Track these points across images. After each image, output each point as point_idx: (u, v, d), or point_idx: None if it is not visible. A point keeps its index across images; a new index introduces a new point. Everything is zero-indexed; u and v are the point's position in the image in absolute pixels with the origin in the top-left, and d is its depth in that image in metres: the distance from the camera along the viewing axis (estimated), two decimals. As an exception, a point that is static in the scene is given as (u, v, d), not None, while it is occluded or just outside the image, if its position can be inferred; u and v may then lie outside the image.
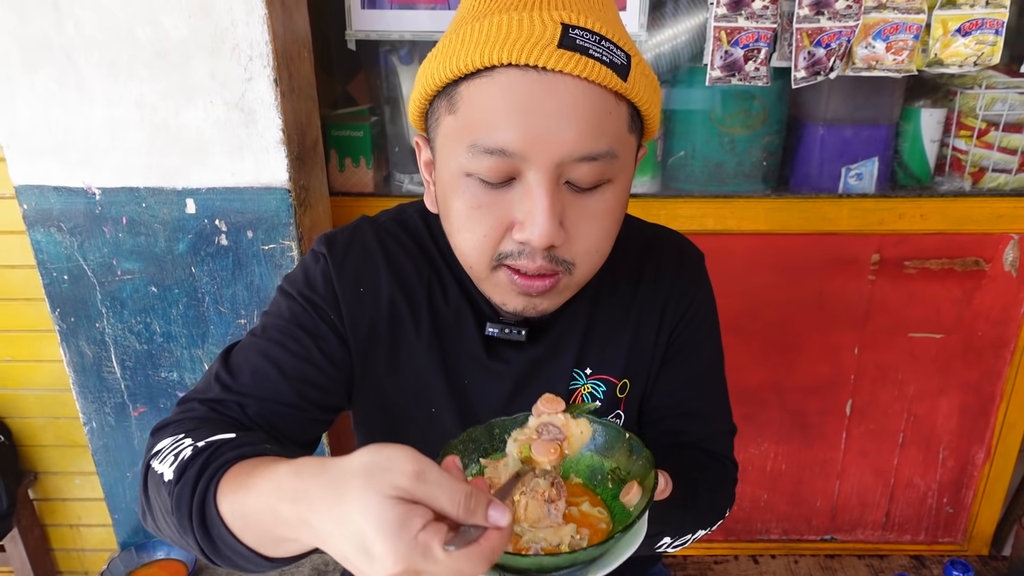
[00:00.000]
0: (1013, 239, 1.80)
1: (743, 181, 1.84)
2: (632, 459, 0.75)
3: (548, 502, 0.68)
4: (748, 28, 1.60)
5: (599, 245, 0.79)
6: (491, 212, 0.75)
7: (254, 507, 0.61)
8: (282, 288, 0.92)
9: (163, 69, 1.39)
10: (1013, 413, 1.96)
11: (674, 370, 0.98)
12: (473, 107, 0.72)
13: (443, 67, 0.73)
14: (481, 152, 0.71)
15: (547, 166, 0.71)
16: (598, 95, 0.71)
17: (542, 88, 0.69)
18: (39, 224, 1.51)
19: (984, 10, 1.58)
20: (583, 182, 0.74)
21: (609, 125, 0.73)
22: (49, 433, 2.00)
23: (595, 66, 0.69)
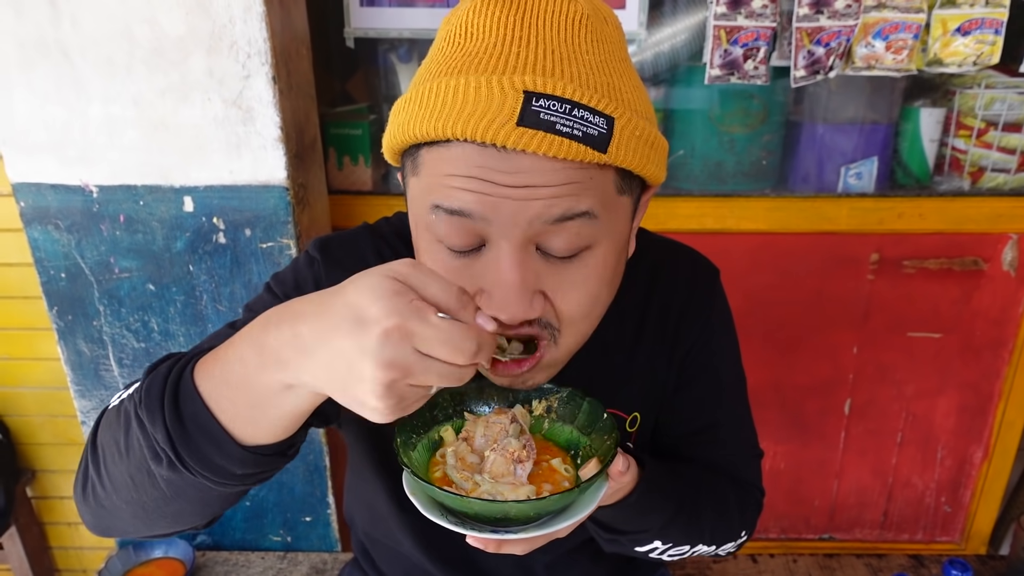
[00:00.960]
0: (1012, 239, 1.80)
1: (742, 180, 1.84)
2: (602, 439, 0.75)
3: (516, 462, 0.69)
4: (747, 27, 1.60)
5: (587, 312, 0.72)
6: (461, 281, 0.66)
7: (236, 356, 0.60)
8: (269, 286, 0.90)
9: (161, 67, 1.38)
10: (1011, 412, 1.96)
11: (688, 394, 0.94)
12: (433, 173, 0.66)
13: (403, 130, 0.67)
14: (444, 213, 0.65)
15: (513, 233, 0.64)
16: (570, 167, 0.63)
17: (503, 165, 0.62)
18: (36, 222, 1.51)
19: (984, 9, 1.57)
20: (558, 250, 0.66)
21: (588, 190, 0.65)
22: (47, 431, 2.00)
23: (563, 143, 0.61)
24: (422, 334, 0.52)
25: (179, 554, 1.72)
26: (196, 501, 0.67)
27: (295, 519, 1.78)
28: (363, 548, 1.13)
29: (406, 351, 0.52)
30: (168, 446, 0.61)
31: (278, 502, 1.75)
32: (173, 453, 0.61)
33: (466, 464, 0.72)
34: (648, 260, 0.91)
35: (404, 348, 0.52)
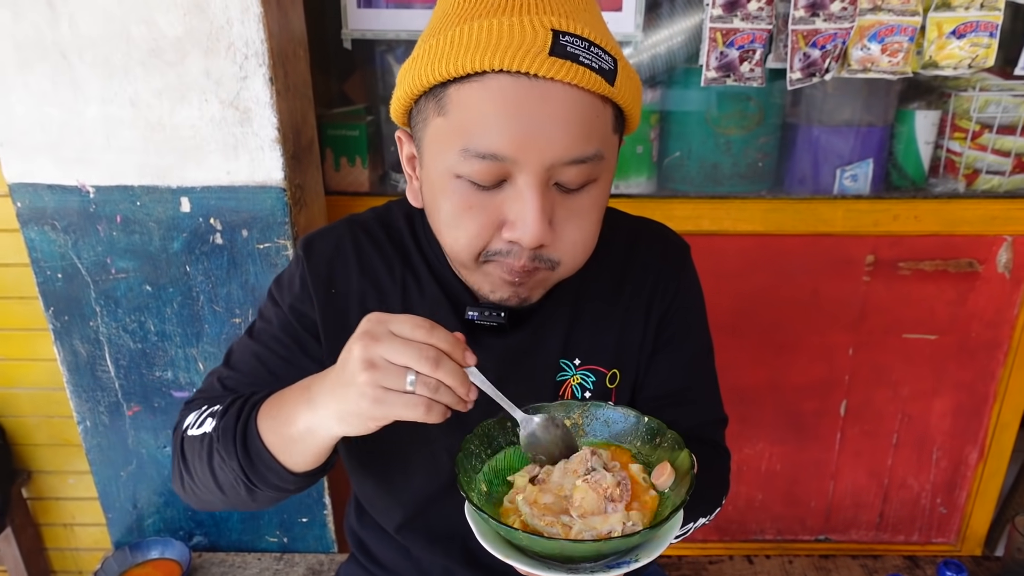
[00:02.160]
0: (1007, 241, 1.81)
1: (739, 182, 1.84)
2: (654, 442, 0.75)
3: (608, 500, 0.68)
4: (743, 29, 1.61)
5: (585, 242, 0.81)
6: (482, 213, 0.76)
7: (279, 411, 0.79)
8: (271, 294, 0.98)
9: (158, 67, 1.38)
10: (1006, 414, 1.97)
11: (664, 358, 0.99)
12: (464, 111, 0.72)
13: (431, 69, 0.73)
14: (473, 156, 0.72)
15: (538, 170, 0.72)
16: (587, 100, 0.72)
17: (534, 95, 0.70)
18: (33, 222, 1.50)
19: (979, 12, 1.58)
20: (571, 183, 0.76)
21: (597, 128, 0.74)
22: (43, 432, 1.99)
23: (585, 73, 0.70)
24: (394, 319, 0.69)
25: (175, 555, 1.71)
26: (270, 500, 0.86)
27: (291, 520, 1.78)
28: (359, 541, 1.13)
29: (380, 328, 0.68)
30: (242, 474, 0.81)
31: (274, 503, 1.75)
32: (245, 479, 0.81)
33: (545, 508, 0.70)
34: (624, 231, 1.00)
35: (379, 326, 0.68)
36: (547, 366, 0.94)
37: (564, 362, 0.94)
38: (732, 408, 1.05)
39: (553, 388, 0.94)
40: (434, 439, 0.94)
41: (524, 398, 0.83)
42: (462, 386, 0.68)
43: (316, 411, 0.73)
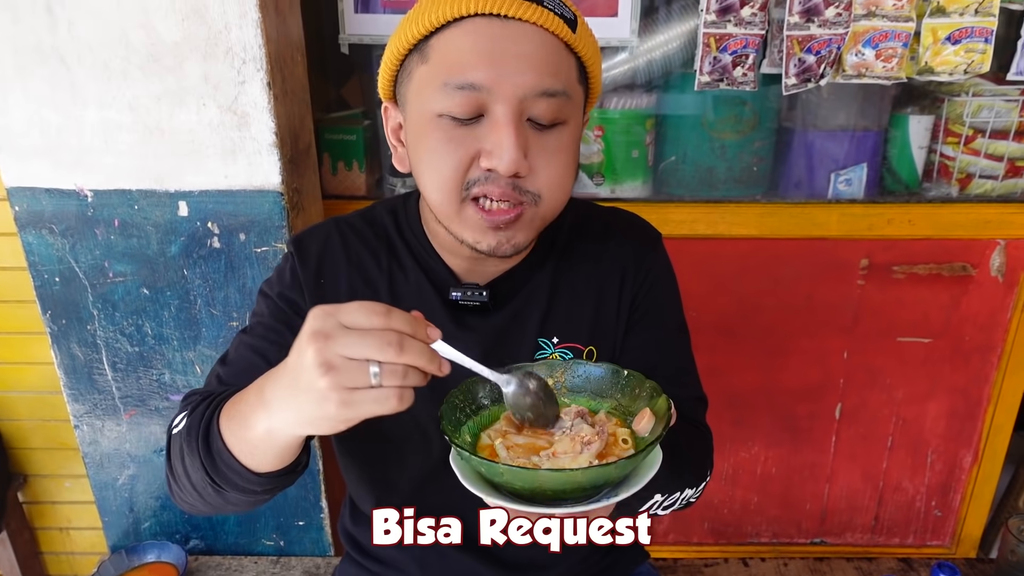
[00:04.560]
0: (999, 245, 1.82)
1: (734, 186, 1.85)
2: (634, 393, 0.77)
3: (585, 444, 0.70)
4: (737, 34, 1.62)
5: (560, 178, 0.86)
6: (461, 144, 0.82)
7: (237, 411, 0.76)
8: (261, 291, 1.01)
9: (156, 72, 1.39)
10: (1000, 417, 1.98)
11: (639, 335, 1.02)
12: (445, 52, 0.81)
13: (416, 24, 0.82)
14: (453, 89, 0.80)
15: (512, 99, 0.80)
16: (552, 42, 0.82)
17: (506, 33, 0.80)
18: (31, 226, 1.51)
19: (973, 18, 1.60)
20: (543, 118, 0.83)
21: (563, 69, 0.83)
22: (39, 436, 1.99)
23: (550, 16, 0.80)
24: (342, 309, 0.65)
25: (172, 559, 1.71)
26: (243, 503, 0.84)
27: (288, 523, 1.78)
28: (353, 540, 1.14)
29: (330, 322, 0.64)
30: (206, 475, 0.79)
31: (271, 506, 1.76)
32: (211, 480, 0.80)
33: (519, 449, 0.71)
34: (598, 218, 1.06)
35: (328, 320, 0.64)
36: (527, 345, 0.98)
37: (543, 340, 0.99)
38: (727, 411, 1.06)
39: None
40: (424, 421, 0.96)
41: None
42: (432, 363, 0.65)
43: (273, 415, 0.70)
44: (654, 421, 0.71)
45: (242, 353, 0.95)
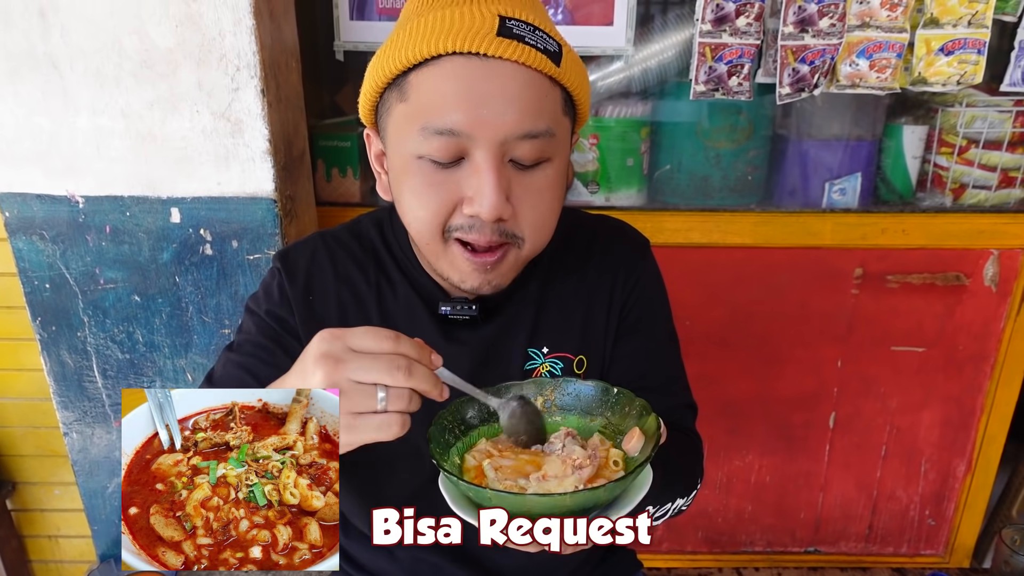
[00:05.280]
0: (993, 255, 1.82)
1: (728, 195, 1.85)
2: (624, 411, 0.76)
3: (576, 467, 0.70)
4: (732, 44, 1.62)
5: (544, 219, 0.85)
6: (442, 189, 0.80)
7: None
8: (248, 307, 0.99)
9: (149, 78, 1.38)
10: (993, 426, 1.98)
11: (629, 344, 1.01)
12: (422, 93, 0.78)
13: (393, 59, 0.79)
14: (432, 134, 0.77)
15: (492, 144, 0.77)
16: (535, 79, 0.78)
17: (484, 73, 0.76)
18: (21, 232, 1.50)
19: (967, 30, 1.60)
20: (525, 159, 0.80)
21: (546, 106, 0.80)
22: (29, 443, 1.97)
23: (531, 52, 0.77)
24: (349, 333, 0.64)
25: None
26: None
27: (280, 532, 1.76)
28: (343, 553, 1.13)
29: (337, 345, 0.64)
30: None
31: (263, 515, 1.74)
32: None
33: (506, 471, 0.71)
34: (586, 227, 1.04)
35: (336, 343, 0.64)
36: (517, 355, 0.97)
37: (532, 351, 0.98)
38: (721, 420, 1.06)
39: (523, 377, 0.96)
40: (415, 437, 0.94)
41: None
42: (435, 388, 0.67)
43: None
44: (643, 440, 0.71)
45: (230, 371, 0.93)
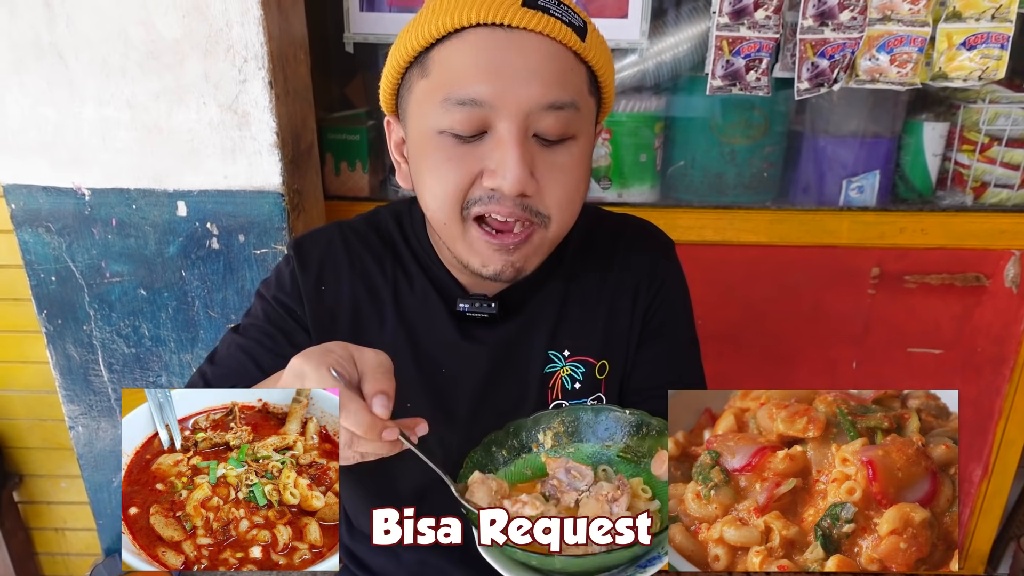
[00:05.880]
0: (1014, 255, 1.78)
1: (743, 192, 1.82)
2: (640, 434, 0.75)
3: (611, 502, 0.69)
4: (750, 38, 1.59)
5: (569, 198, 0.82)
6: (462, 163, 0.78)
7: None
8: (258, 292, 0.98)
9: (155, 69, 1.36)
10: (1012, 431, 1.94)
11: (651, 349, 0.98)
12: (445, 66, 0.77)
13: (416, 36, 0.78)
14: (454, 104, 0.76)
15: (516, 115, 0.75)
16: (560, 51, 0.77)
17: (509, 44, 0.75)
18: (27, 224, 1.48)
19: (990, 24, 1.56)
20: (550, 133, 0.78)
21: (571, 80, 0.78)
22: (35, 435, 1.97)
23: (556, 24, 0.75)
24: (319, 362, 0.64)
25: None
26: None
27: (285, 529, 1.75)
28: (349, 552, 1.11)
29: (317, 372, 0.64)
30: None
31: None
32: None
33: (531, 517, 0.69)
34: (608, 226, 1.01)
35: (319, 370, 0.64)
36: (536, 357, 0.94)
37: (553, 353, 0.95)
38: (735, 424, 1.03)
39: (542, 381, 0.94)
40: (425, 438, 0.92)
41: (514, 391, 0.88)
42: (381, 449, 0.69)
43: None
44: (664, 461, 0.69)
45: (232, 353, 0.92)
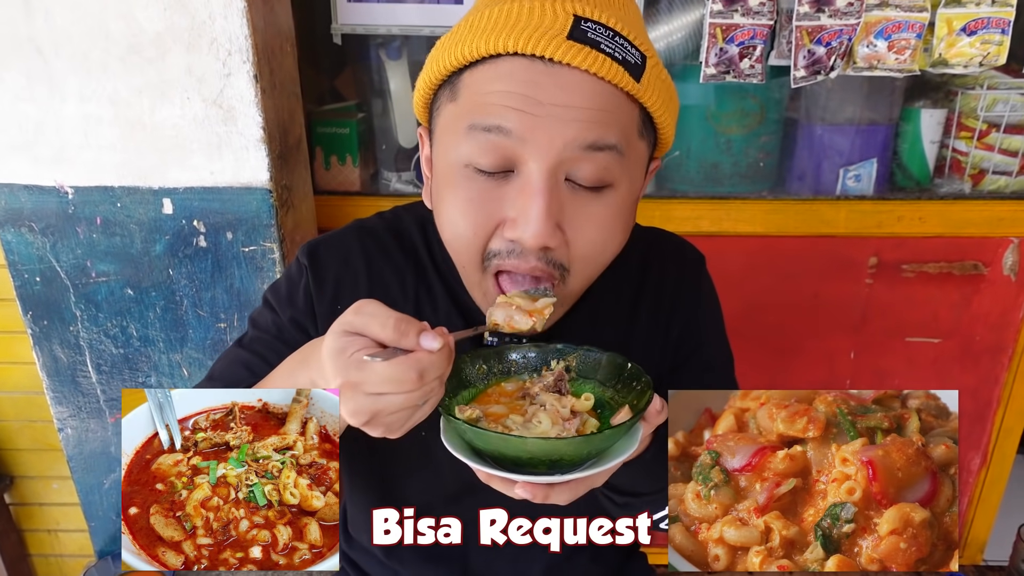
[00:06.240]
0: (1013, 243, 1.77)
1: (739, 182, 1.80)
2: (631, 387, 0.73)
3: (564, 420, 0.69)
4: (744, 25, 1.56)
5: (598, 253, 0.74)
6: (484, 207, 0.70)
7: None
8: (266, 299, 0.91)
9: (138, 64, 1.33)
10: (1010, 419, 1.93)
11: (684, 375, 0.94)
12: (475, 91, 0.69)
13: (448, 54, 0.70)
14: (480, 131, 0.68)
15: (547, 154, 0.67)
16: (608, 91, 0.67)
17: (548, 80, 0.66)
18: (9, 224, 1.45)
19: (990, 8, 1.53)
20: (585, 179, 0.69)
21: (617, 121, 0.68)
22: (25, 436, 1.94)
23: (605, 62, 0.66)
24: (364, 380, 0.59)
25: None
26: None
27: (280, 528, 1.73)
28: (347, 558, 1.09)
29: (360, 399, 0.60)
30: None
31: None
32: None
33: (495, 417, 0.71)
34: (640, 245, 0.92)
35: (358, 397, 0.60)
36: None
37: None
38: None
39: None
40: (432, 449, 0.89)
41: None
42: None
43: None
44: (629, 416, 0.67)
45: (235, 372, 0.86)
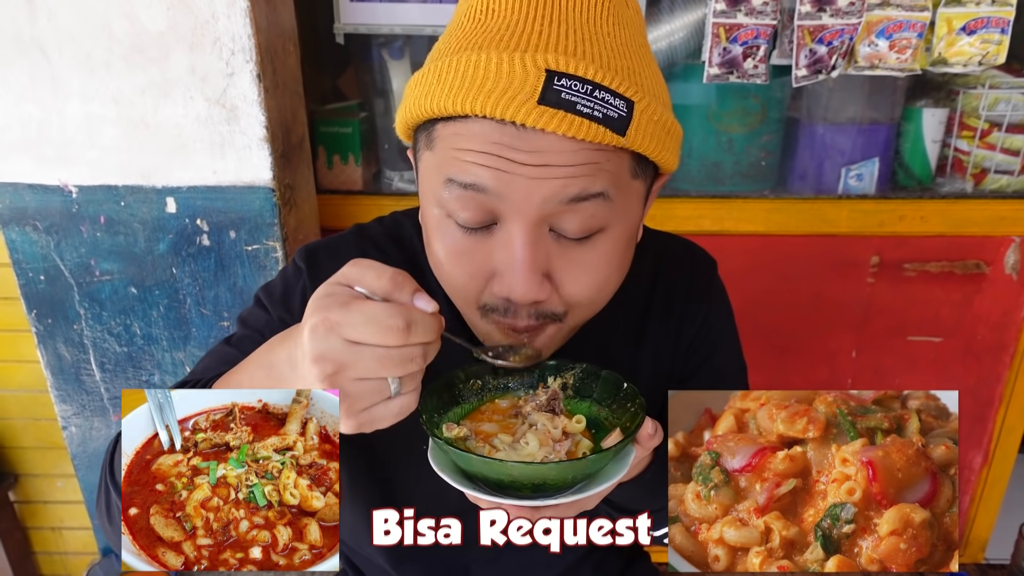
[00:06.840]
0: (1015, 242, 1.77)
1: (741, 181, 1.80)
2: (625, 408, 0.72)
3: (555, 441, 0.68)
4: (747, 25, 1.56)
5: (595, 296, 0.72)
6: (471, 260, 0.68)
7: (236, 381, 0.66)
8: (259, 298, 0.89)
9: (141, 63, 1.33)
10: (1012, 418, 1.93)
11: (695, 386, 0.92)
12: (448, 146, 0.66)
13: (419, 104, 0.67)
14: (457, 186, 0.65)
15: (526, 213, 0.64)
16: (588, 150, 0.63)
17: (520, 143, 0.62)
18: (14, 223, 1.46)
19: (990, 8, 1.54)
20: (571, 231, 0.66)
21: (604, 171, 0.65)
22: (30, 434, 1.95)
23: (583, 124, 0.61)
24: (345, 320, 0.53)
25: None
26: None
27: (283, 526, 1.74)
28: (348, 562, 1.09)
29: (333, 341, 0.53)
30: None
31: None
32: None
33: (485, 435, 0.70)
34: (649, 253, 0.90)
35: (331, 339, 0.53)
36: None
37: None
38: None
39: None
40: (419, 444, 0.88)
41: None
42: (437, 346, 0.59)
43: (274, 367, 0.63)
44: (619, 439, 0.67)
45: (217, 367, 0.82)
